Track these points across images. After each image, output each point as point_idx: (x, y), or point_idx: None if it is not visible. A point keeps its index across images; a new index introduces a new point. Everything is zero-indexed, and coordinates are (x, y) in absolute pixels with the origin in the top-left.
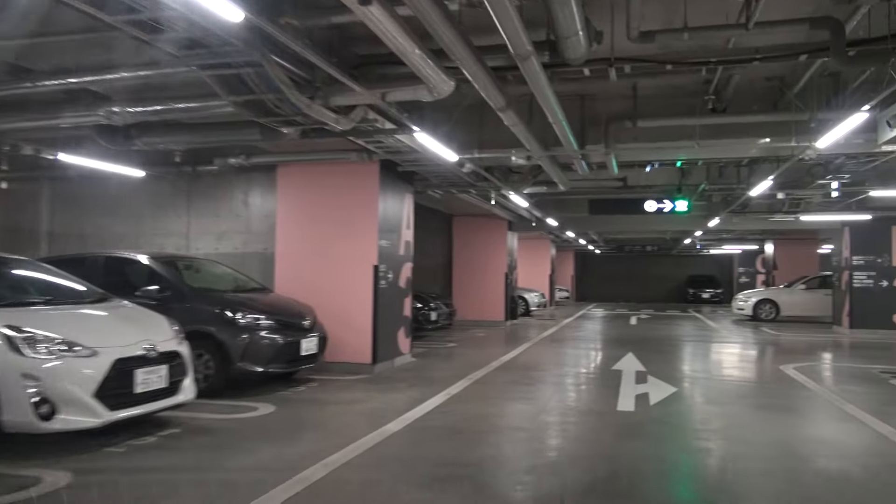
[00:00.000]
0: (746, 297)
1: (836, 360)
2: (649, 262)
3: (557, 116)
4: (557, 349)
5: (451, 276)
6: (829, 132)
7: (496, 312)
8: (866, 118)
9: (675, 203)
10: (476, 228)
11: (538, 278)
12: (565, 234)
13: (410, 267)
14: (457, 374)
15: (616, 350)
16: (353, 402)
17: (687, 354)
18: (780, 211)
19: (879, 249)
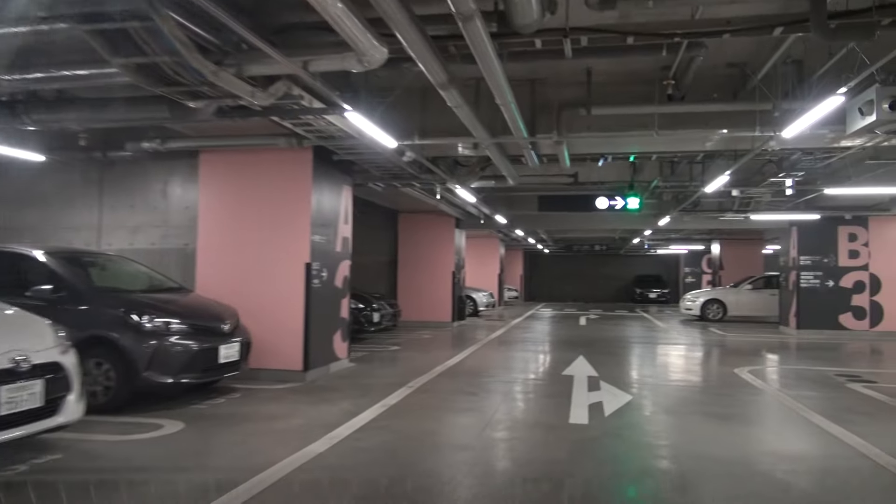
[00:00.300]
0: (694, 297)
1: (789, 363)
2: (598, 262)
3: (506, 96)
4: (506, 352)
5: (397, 275)
6: (796, 121)
7: (443, 313)
8: (835, 107)
9: (626, 200)
10: (422, 225)
11: (487, 278)
12: (514, 232)
13: (348, 265)
14: (397, 382)
15: (566, 353)
16: (275, 417)
17: (638, 357)
18: (730, 210)
19: (826, 249)
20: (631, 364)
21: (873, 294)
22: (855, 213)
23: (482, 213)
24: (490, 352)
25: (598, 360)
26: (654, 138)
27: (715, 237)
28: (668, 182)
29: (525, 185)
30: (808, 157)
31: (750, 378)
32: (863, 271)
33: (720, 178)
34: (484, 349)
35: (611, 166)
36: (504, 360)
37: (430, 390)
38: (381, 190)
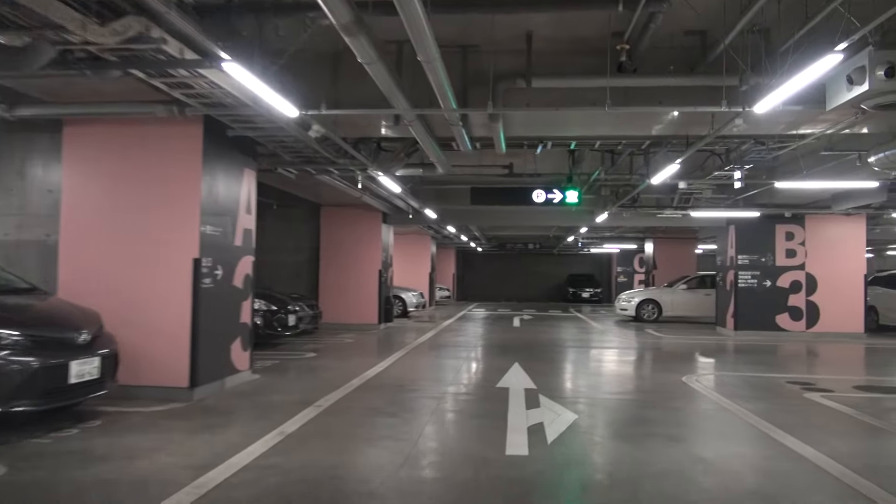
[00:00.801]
0: (629, 297)
1: (737, 369)
2: (531, 261)
3: (431, 50)
4: (434, 359)
5: (319, 273)
6: (772, 93)
7: (369, 314)
8: (812, 81)
9: (565, 193)
10: (347, 220)
11: (417, 277)
12: (446, 228)
13: (251, 261)
14: (304, 399)
15: (500, 359)
16: (134, 455)
17: (578, 364)
18: (669, 206)
19: (764, 248)
20: (571, 373)
21: (809, 294)
22: (795, 210)
23: (411, 208)
24: (417, 359)
25: (534, 368)
26: (600, 119)
27: (649, 236)
28: (609, 175)
29: (457, 178)
30: (760, 146)
31: (701, 388)
32: (799, 271)
33: (669, 168)
34: (410, 356)
35: (548, 157)
36: (432, 369)
37: (342, 410)
38: (293, 177)
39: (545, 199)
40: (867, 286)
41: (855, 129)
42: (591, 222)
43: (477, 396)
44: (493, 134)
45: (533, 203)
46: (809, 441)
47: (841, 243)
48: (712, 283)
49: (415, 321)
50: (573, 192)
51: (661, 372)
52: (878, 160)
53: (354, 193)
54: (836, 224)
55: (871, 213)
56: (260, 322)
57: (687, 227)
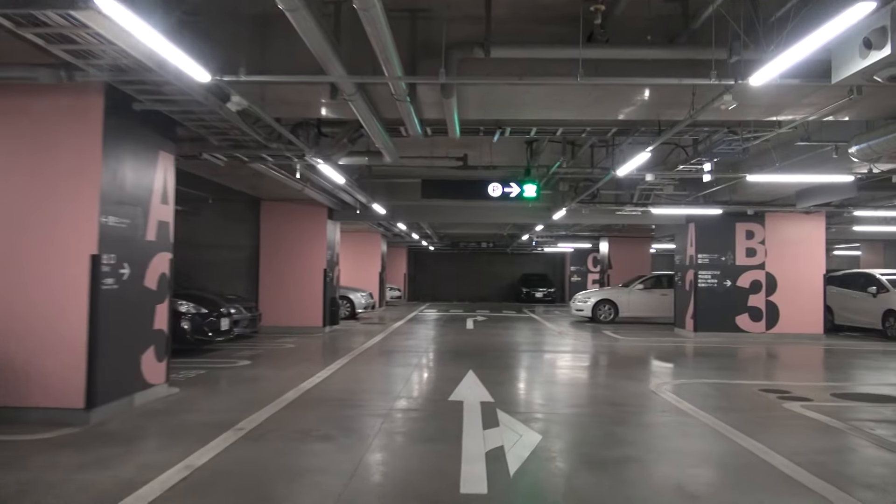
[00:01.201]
0: (585, 297)
1: (704, 375)
2: (484, 261)
3: None
4: (381, 367)
5: (259, 273)
6: (773, 61)
7: (313, 317)
8: (817, 48)
9: (522, 187)
10: (290, 216)
11: (367, 276)
12: (396, 226)
13: (168, 259)
14: (225, 420)
15: (453, 366)
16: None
17: (537, 371)
18: (629, 203)
19: (724, 247)
20: (530, 381)
21: (769, 294)
22: (758, 208)
23: (358, 202)
24: (362, 366)
25: (491, 376)
26: (566, 99)
27: (604, 235)
28: (569, 168)
29: (408, 171)
30: (732, 137)
31: (672, 399)
32: (759, 270)
33: (638, 157)
34: (356, 363)
35: (505, 148)
36: (378, 379)
37: (267, 434)
38: (223, 164)
39: (501, 192)
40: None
41: (840, 115)
42: (548, 219)
43: (427, 413)
44: (447, 114)
45: (488, 197)
46: (808, 467)
47: (800, 242)
48: (669, 282)
49: (363, 323)
50: (531, 185)
51: (627, 380)
52: (860, 150)
53: (295, 186)
54: (796, 222)
55: (832, 210)
56: (187, 327)
57: (644, 225)
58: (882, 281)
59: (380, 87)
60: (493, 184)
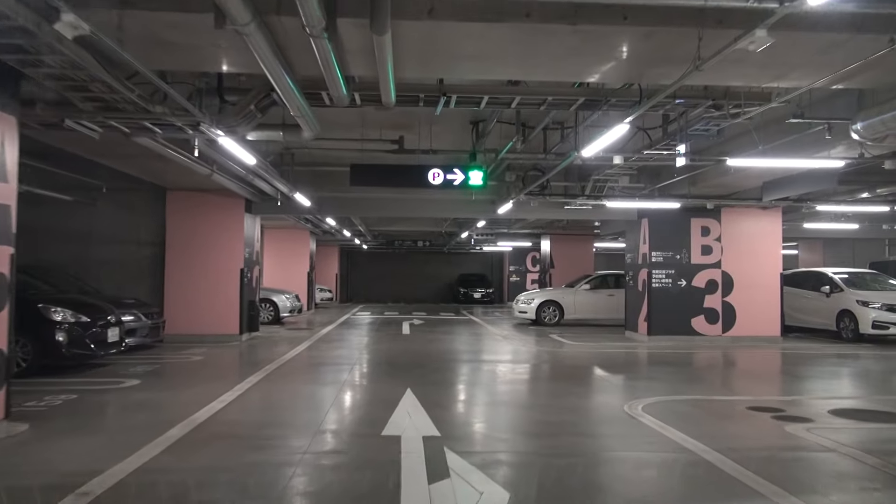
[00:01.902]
0: (529, 298)
1: (678, 389)
2: (420, 260)
3: None
4: (302, 386)
5: (164, 273)
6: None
7: (228, 323)
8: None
9: (467, 174)
10: (200, 208)
11: (293, 277)
12: (325, 221)
13: (9, 255)
14: (70, 475)
15: (388, 384)
16: None
17: (488, 388)
18: (581, 195)
19: (679, 245)
20: (482, 404)
21: (725, 294)
22: (718, 202)
23: (279, 193)
24: (279, 386)
25: (433, 396)
26: (536, 52)
27: (546, 232)
28: (520, 154)
29: (336, 156)
30: (713, 114)
31: (656, 425)
32: (715, 269)
33: (615, 130)
34: (271, 380)
35: (447, 129)
36: (296, 405)
37: (125, 497)
38: (97, 136)
39: (443, 180)
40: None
41: (850, 82)
42: (492, 214)
43: (354, 457)
44: (379, 68)
45: (428, 185)
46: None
47: (757, 239)
48: (616, 282)
49: (288, 329)
50: (477, 172)
51: (594, 396)
52: (868, 126)
53: (201, 170)
54: (753, 218)
55: (789, 206)
56: (63, 339)
57: (587, 222)
58: (835, 280)
59: (287, 21)
60: (433, 170)
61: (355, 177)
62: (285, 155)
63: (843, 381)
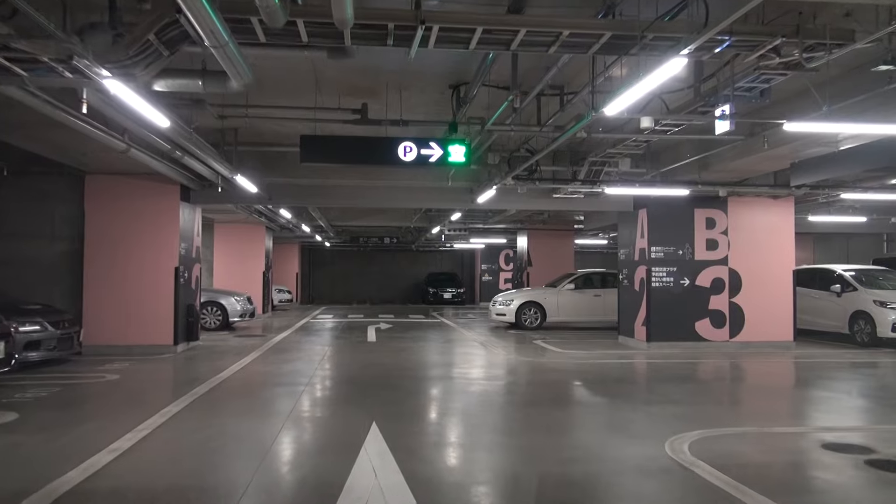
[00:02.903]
0: (507, 299)
1: (719, 417)
2: (387, 259)
3: None
4: (228, 421)
5: (83, 273)
6: None
7: (160, 331)
8: None
9: (446, 148)
10: (126, 195)
11: (248, 277)
12: (280, 213)
13: None
14: None
15: (347, 417)
16: None
17: (477, 421)
18: (575, 181)
19: (682, 238)
20: (474, 448)
21: (733, 295)
22: (733, 189)
23: (219, 177)
24: (199, 422)
25: (407, 439)
26: None
27: (523, 228)
28: (509, 127)
29: (287, 132)
30: (773, 61)
31: (727, 483)
32: (721, 266)
33: (666, 67)
34: (192, 412)
35: (421, 95)
36: (214, 457)
37: None
38: None
39: (417, 156)
40: None
41: None
42: (470, 203)
43: None
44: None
45: (398, 162)
46: None
47: (767, 232)
48: (602, 281)
49: (237, 336)
50: (459, 147)
51: (618, 431)
52: None
53: (113, 144)
54: (762, 208)
55: (810, 193)
56: None
57: (571, 215)
58: (846, 278)
59: None
60: (404, 143)
61: (307, 151)
62: (227, 132)
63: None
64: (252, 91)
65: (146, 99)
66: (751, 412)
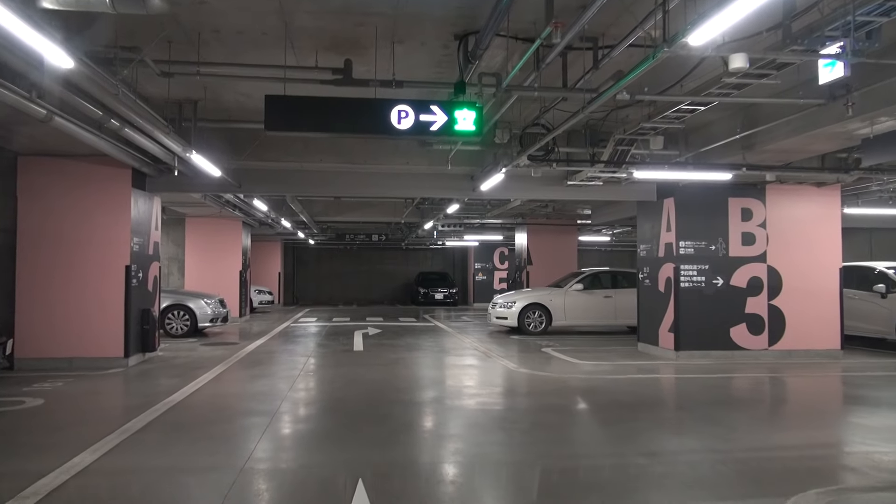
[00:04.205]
0: (509, 301)
1: (834, 464)
2: (375, 257)
3: None
4: (159, 480)
5: (15, 273)
6: None
7: (107, 341)
8: None
9: (452, 114)
10: (65, 180)
11: (223, 276)
12: (255, 206)
13: None
14: None
15: (324, 472)
16: None
17: (494, 472)
18: (599, 162)
19: (714, 232)
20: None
21: (772, 296)
22: (782, 173)
23: (175, 157)
24: (120, 478)
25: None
26: None
27: (525, 223)
28: (535, 86)
29: (255, 109)
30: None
31: None
32: (759, 263)
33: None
34: (115, 459)
35: (418, 49)
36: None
37: None
38: None
39: (414, 122)
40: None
41: None
42: (470, 192)
43: None
44: None
45: (391, 130)
46: None
47: (810, 224)
48: (613, 281)
49: (206, 344)
50: (468, 111)
51: (721, 501)
52: None
53: (32, 111)
54: (805, 197)
55: (859, 179)
56: None
57: (575, 209)
58: (891, 276)
59: None
60: (398, 107)
61: (273, 116)
62: (185, 105)
63: None
64: (206, 45)
65: (27, 21)
66: (863, 453)
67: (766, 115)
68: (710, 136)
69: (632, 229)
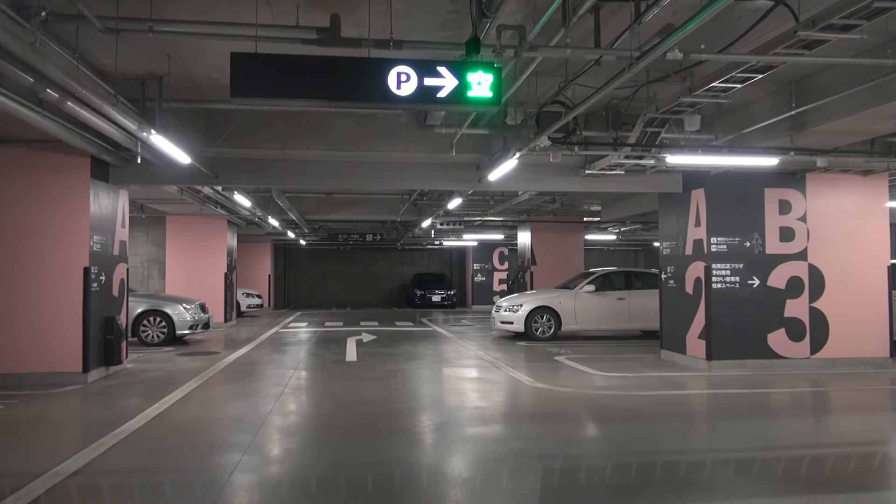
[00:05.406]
0: (514, 304)
1: None
2: (369, 258)
3: None
4: None
5: None
6: None
7: (63, 354)
8: None
9: (464, 77)
10: (13, 171)
11: (206, 279)
12: (239, 203)
13: None
14: None
15: None
16: None
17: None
18: (625, 145)
19: (749, 227)
20: None
21: (814, 299)
22: (834, 157)
23: (137, 142)
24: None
25: None
26: None
27: (529, 220)
28: (566, 44)
29: (222, 80)
30: None
31: None
32: (799, 261)
33: None
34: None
35: (426, 2)
36: None
37: None
38: None
39: (417, 88)
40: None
41: None
42: (477, 183)
43: None
44: None
45: (389, 97)
46: None
47: (854, 218)
48: (626, 282)
49: (183, 353)
50: (484, 74)
51: None
52: None
53: None
54: (849, 188)
55: None
56: None
57: (583, 203)
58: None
59: None
60: (398, 68)
61: (240, 80)
62: (148, 82)
63: None
64: (168, 1)
65: None
66: None
67: (819, 90)
68: (749, 116)
69: (641, 227)
